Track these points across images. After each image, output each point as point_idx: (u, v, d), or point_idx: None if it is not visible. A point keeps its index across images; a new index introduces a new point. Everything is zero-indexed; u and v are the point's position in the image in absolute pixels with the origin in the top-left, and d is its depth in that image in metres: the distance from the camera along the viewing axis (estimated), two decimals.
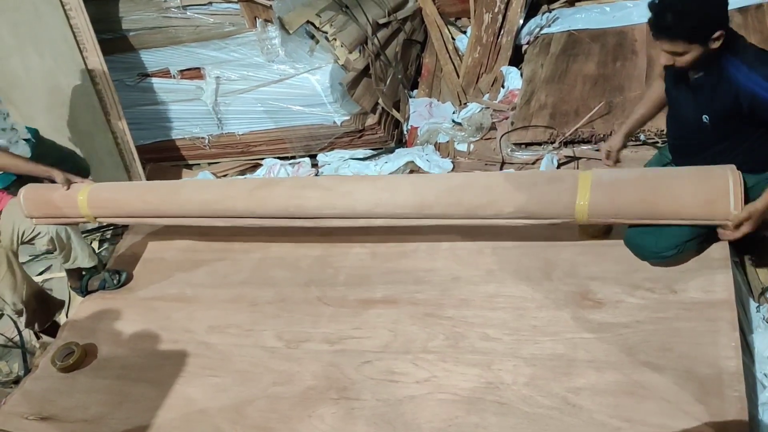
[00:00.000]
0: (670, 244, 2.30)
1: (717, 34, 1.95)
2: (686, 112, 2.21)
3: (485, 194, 2.46)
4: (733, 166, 2.12)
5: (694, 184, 2.19)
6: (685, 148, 2.34)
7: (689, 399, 1.97)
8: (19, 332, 3.48)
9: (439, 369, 2.31)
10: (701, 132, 2.18)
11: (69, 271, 3.08)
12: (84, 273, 3.12)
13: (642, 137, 3.54)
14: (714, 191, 2.12)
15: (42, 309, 3.04)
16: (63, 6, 3.84)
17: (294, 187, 2.80)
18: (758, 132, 2.11)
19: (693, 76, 2.13)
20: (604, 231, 2.59)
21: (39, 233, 2.90)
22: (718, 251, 2.39)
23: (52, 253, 3.00)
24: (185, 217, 2.89)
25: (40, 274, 3.97)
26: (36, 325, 3.05)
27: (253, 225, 2.82)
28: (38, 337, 3.40)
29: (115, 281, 3.04)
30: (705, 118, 2.12)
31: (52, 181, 2.92)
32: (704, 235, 2.32)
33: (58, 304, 3.15)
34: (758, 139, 2.12)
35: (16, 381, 3.24)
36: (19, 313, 2.94)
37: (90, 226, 4.17)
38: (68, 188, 2.90)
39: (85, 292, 3.07)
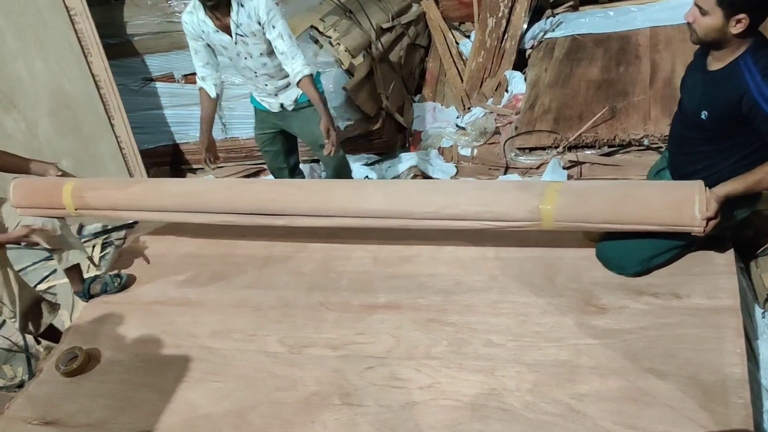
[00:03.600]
0: (634, 260, 2.35)
1: (741, 15, 1.94)
2: (690, 104, 2.23)
3: (453, 195, 2.51)
4: (701, 182, 2.14)
5: (662, 191, 2.23)
6: (680, 140, 2.35)
7: (693, 406, 1.97)
8: (24, 337, 3.48)
9: (443, 375, 2.30)
10: (696, 128, 2.20)
11: (69, 275, 3.07)
12: (86, 277, 3.12)
13: (646, 142, 3.54)
14: (680, 197, 2.15)
15: (35, 312, 3.03)
16: (68, 11, 3.86)
17: (272, 184, 2.90)
18: (749, 148, 2.11)
19: (711, 67, 2.14)
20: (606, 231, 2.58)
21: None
22: (723, 257, 2.39)
23: (49, 251, 2.99)
24: (164, 211, 2.91)
25: (44, 279, 3.98)
26: (31, 328, 3.05)
27: (227, 222, 2.84)
28: (38, 342, 3.40)
29: (116, 284, 3.04)
30: (704, 114, 2.13)
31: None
32: (671, 249, 2.35)
33: (53, 308, 3.15)
34: (747, 156, 2.12)
35: (20, 385, 3.25)
36: (14, 315, 2.94)
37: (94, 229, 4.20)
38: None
39: (87, 296, 3.07)
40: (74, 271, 3.05)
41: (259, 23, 2.86)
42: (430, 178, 4.04)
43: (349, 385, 2.36)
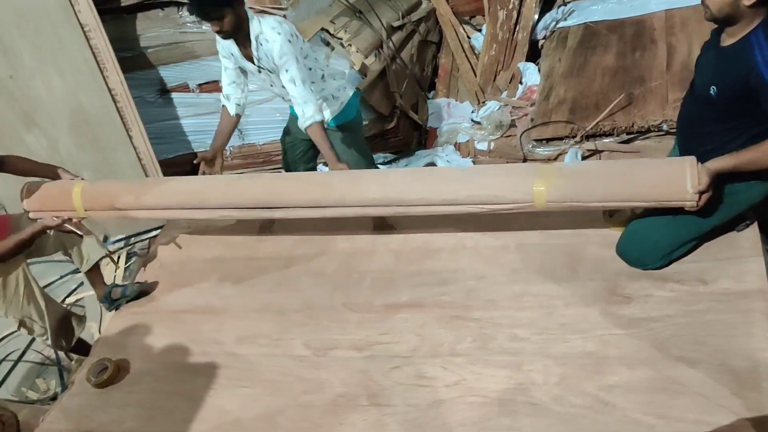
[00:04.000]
0: (655, 256, 2.34)
1: None
2: (701, 82, 2.21)
3: (446, 181, 2.50)
4: (693, 157, 2.12)
5: (654, 167, 2.25)
6: (689, 121, 2.32)
7: (725, 393, 1.94)
8: (55, 350, 3.54)
9: (469, 372, 2.29)
10: (706, 106, 2.17)
11: (92, 279, 3.10)
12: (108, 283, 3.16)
13: (665, 127, 3.49)
14: (672, 172, 2.14)
15: (65, 326, 3.08)
16: (82, 27, 3.91)
17: (272, 178, 2.96)
18: (757, 128, 2.07)
19: (724, 43, 2.11)
20: (629, 220, 2.55)
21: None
22: (749, 239, 2.36)
23: (68, 256, 3.03)
24: (168, 209, 2.93)
25: (73, 292, 4.04)
26: (63, 343, 3.09)
27: (228, 216, 2.87)
28: (69, 358, 3.45)
29: (136, 287, 3.07)
30: (712, 89, 2.10)
31: None
32: (691, 240, 2.32)
33: (80, 321, 3.19)
34: (757, 135, 2.07)
35: (54, 398, 3.30)
36: (45, 332, 2.98)
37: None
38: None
39: (109, 301, 3.09)
40: (96, 275, 3.09)
41: (275, 63, 2.87)
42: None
43: (375, 386, 2.36)
